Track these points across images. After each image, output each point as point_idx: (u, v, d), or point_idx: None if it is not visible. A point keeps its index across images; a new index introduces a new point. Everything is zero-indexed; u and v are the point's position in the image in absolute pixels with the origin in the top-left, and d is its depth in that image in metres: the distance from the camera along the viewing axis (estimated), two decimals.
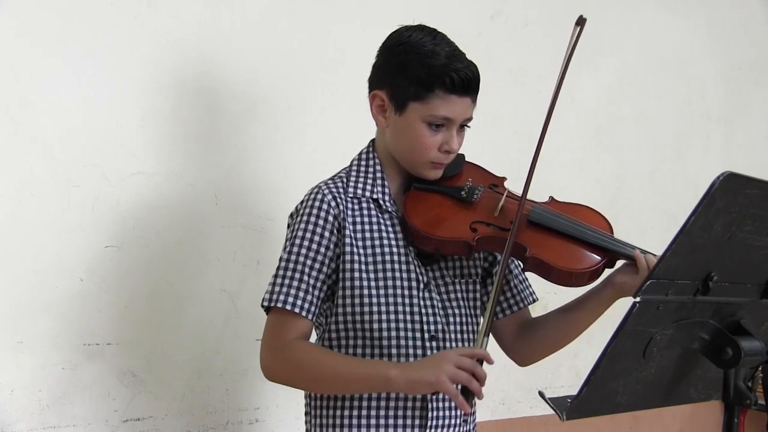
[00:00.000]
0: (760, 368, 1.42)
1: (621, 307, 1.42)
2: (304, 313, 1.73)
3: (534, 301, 1.99)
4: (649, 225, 3.19)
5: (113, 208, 2.15)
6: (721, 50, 3.60)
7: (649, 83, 3.39)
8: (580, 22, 1.76)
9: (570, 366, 3.09)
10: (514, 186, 1.87)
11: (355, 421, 1.77)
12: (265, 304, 1.76)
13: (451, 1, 2.79)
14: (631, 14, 3.32)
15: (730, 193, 1.25)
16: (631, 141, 3.34)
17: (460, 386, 1.61)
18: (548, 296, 2.26)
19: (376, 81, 1.83)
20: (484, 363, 1.64)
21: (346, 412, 1.78)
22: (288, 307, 1.73)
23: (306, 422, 1.87)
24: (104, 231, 2.14)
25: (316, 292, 1.75)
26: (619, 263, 1.83)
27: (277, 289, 1.74)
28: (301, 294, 1.73)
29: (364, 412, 1.77)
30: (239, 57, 2.35)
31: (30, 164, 2.04)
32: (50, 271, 2.06)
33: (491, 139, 2.82)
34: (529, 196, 1.78)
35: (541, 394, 1.39)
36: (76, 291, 2.10)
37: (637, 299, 1.27)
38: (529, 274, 1.89)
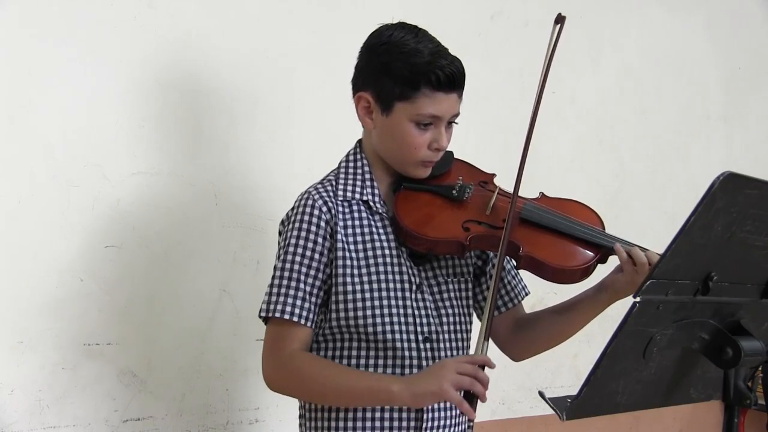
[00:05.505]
0: (760, 368, 1.42)
1: (621, 307, 1.42)
2: (303, 321, 1.73)
3: (527, 294, 1.98)
4: (649, 225, 3.18)
5: (113, 208, 2.15)
6: (721, 50, 3.60)
7: (649, 83, 3.39)
8: (560, 20, 1.74)
9: (570, 366, 3.09)
10: (510, 184, 1.85)
11: (350, 423, 1.76)
12: (263, 314, 1.75)
13: (451, 1, 2.79)
14: (631, 14, 3.32)
15: (730, 193, 1.25)
16: (631, 141, 3.34)
17: (462, 392, 1.60)
18: (548, 296, 2.26)
19: (360, 82, 1.81)
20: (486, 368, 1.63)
21: (341, 414, 1.77)
22: (287, 317, 1.72)
23: (300, 425, 1.86)
24: (104, 231, 2.14)
25: (314, 299, 1.74)
26: (613, 262, 1.82)
27: (274, 299, 1.74)
28: (299, 302, 1.73)
29: (359, 414, 1.76)
30: (239, 57, 2.35)
31: (30, 164, 2.04)
32: (50, 271, 2.06)
33: (491, 138, 2.81)
34: (520, 193, 1.77)
35: (541, 394, 1.38)
36: (76, 291, 2.10)
37: (637, 299, 1.27)
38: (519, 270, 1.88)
